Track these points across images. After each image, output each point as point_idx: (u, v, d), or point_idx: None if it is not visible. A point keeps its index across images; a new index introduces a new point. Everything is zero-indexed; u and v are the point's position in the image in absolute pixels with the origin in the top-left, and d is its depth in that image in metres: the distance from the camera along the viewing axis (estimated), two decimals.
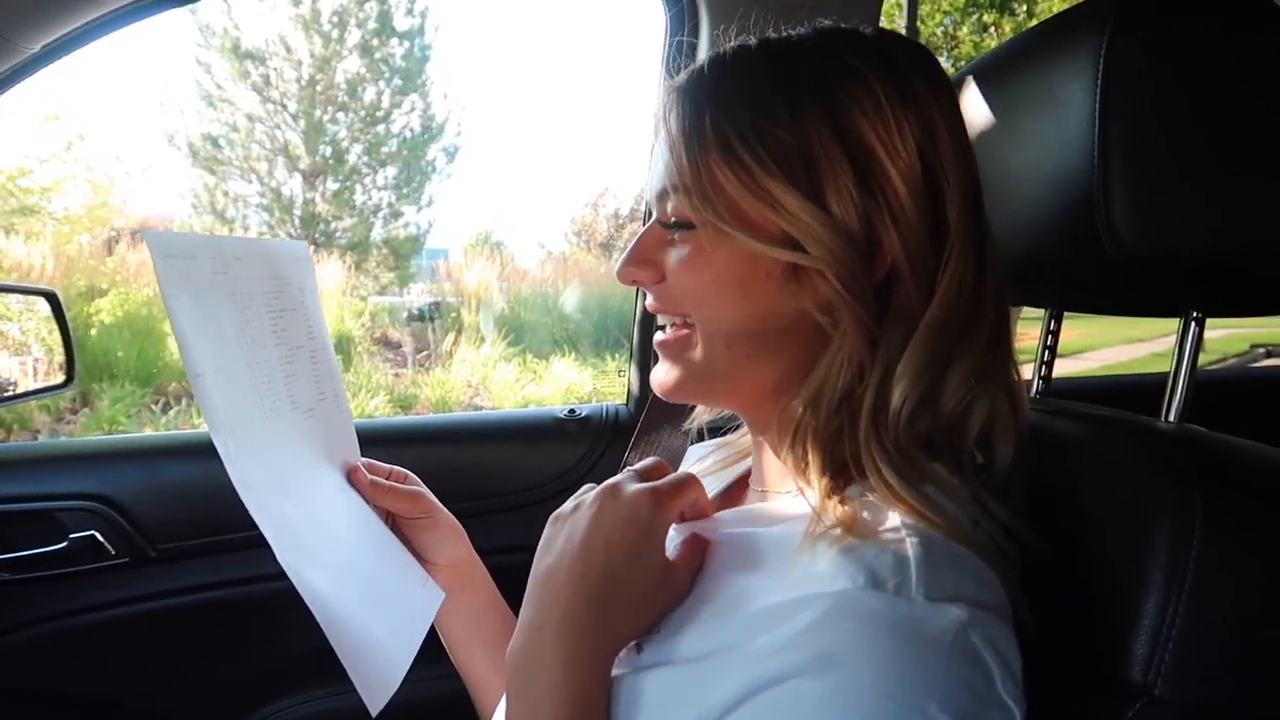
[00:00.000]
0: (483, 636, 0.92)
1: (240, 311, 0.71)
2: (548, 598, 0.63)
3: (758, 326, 0.64)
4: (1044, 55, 0.73)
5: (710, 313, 0.65)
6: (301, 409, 0.77)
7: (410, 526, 0.87)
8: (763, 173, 0.60)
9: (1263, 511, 0.57)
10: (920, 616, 0.50)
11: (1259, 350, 10.15)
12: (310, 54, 12.37)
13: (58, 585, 1.24)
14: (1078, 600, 0.61)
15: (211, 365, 0.66)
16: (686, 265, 0.65)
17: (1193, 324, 0.72)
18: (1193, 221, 0.64)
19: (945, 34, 10.56)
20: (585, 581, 0.61)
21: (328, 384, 0.82)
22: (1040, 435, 0.71)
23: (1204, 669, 0.54)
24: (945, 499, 0.57)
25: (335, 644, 0.69)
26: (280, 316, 0.76)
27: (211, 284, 0.69)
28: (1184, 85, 0.63)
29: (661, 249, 0.68)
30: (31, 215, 9.23)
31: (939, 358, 0.60)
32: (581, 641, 0.60)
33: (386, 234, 13.24)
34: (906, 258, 0.60)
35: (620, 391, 1.56)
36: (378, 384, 7.07)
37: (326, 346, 0.83)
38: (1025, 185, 0.72)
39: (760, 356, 0.65)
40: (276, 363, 0.74)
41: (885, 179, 0.60)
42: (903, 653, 0.49)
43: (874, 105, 0.60)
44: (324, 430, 0.80)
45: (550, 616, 0.61)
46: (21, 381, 1.59)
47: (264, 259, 0.77)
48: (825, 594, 0.52)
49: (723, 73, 0.64)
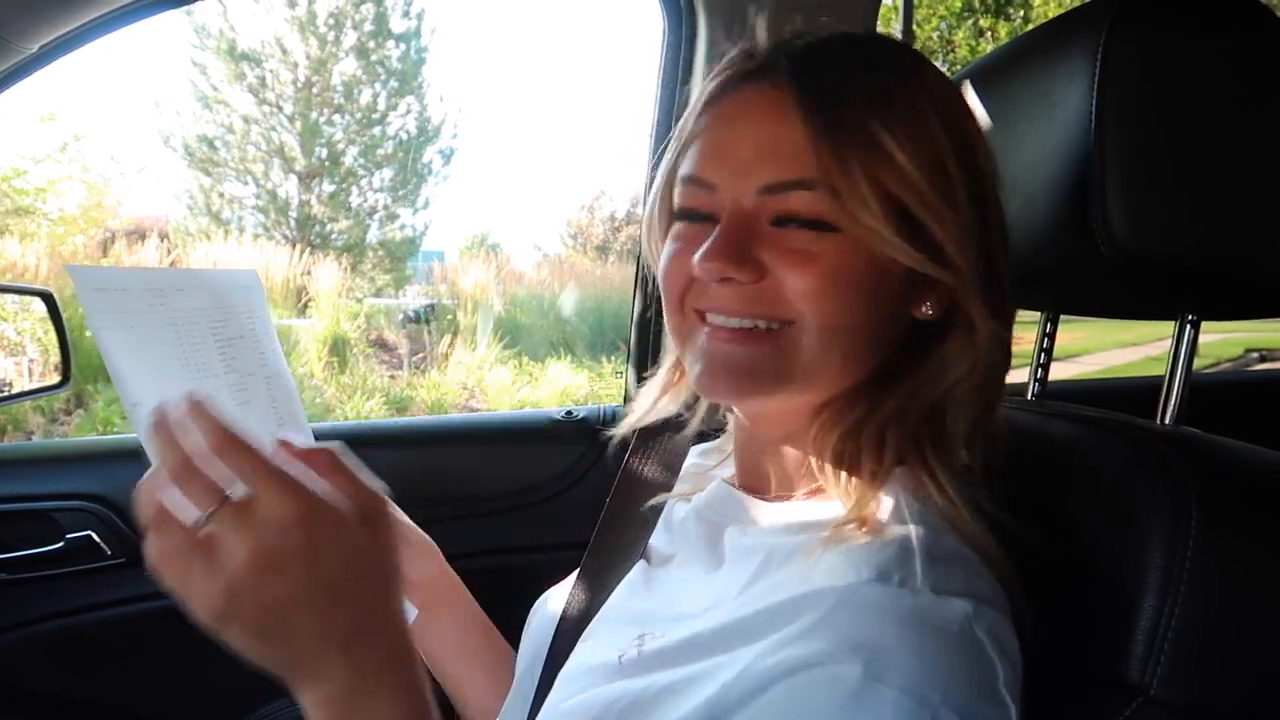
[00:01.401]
0: (465, 651, 0.91)
1: (182, 341, 0.70)
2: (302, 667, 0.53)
3: (864, 329, 0.63)
4: (1041, 58, 0.73)
5: (824, 316, 0.61)
6: (262, 435, 0.77)
7: None
8: (920, 178, 0.59)
9: (1258, 513, 0.57)
10: (925, 606, 0.51)
11: (1253, 355, 10.19)
12: (306, 56, 12.36)
13: (54, 585, 1.24)
14: (1074, 601, 0.62)
15: (150, 396, 0.63)
16: (806, 266, 0.60)
17: (1188, 327, 0.73)
18: (1188, 224, 0.64)
19: (941, 38, 10.58)
20: (314, 627, 0.52)
21: (285, 409, 0.81)
22: (1037, 437, 0.71)
23: (1199, 669, 0.54)
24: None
25: None
26: (229, 345, 0.75)
27: (147, 315, 0.68)
28: (1180, 89, 0.63)
29: (760, 244, 0.62)
30: (26, 216, 9.20)
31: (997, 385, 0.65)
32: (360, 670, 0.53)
33: (382, 236, 13.23)
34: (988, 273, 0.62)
35: (616, 395, 1.55)
36: (373, 386, 7.06)
37: (281, 372, 0.81)
38: (1022, 188, 0.73)
39: (855, 356, 0.64)
40: (227, 391, 0.73)
41: (989, 192, 0.62)
42: (908, 642, 0.49)
43: (975, 123, 0.64)
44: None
45: (329, 679, 0.53)
46: (17, 382, 1.59)
47: (207, 289, 0.76)
48: (835, 588, 0.53)
49: (862, 68, 0.62)
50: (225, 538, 0.50)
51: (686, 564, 0.72)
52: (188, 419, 0.55)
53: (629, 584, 0.77)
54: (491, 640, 0.93)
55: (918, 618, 0.50)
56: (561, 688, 0.67)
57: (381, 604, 0.55)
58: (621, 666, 0.62)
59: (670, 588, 0.72)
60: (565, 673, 0.69)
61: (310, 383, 7.14)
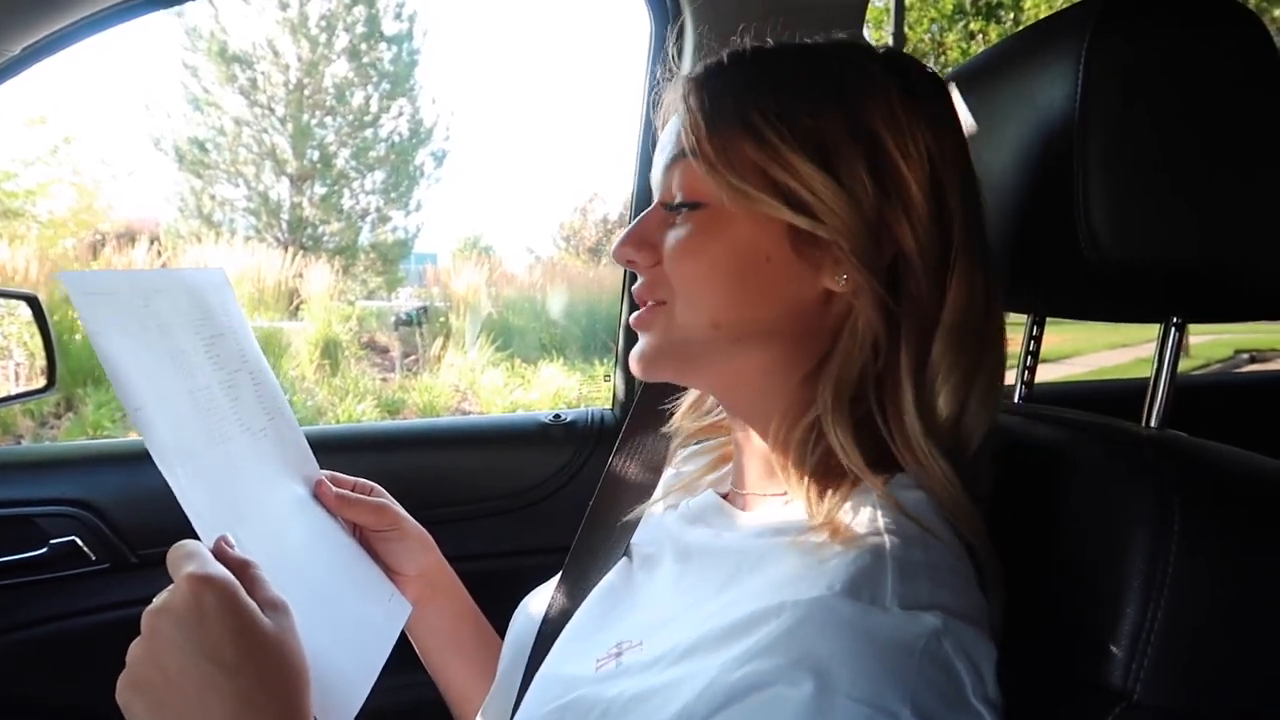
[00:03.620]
0: (458, 645, 0.91)
1: (169, 341, 0.70)
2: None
3: (749, 313, 0.64)
4: (1025, 61, 0.73)
5: (699, 292, 0.65)
6: (252, 430, 0.76)
7: (377, 539, 0.86)
8: (783, 145, 0.61)
9: (1242, 516, 0.57)
10: (893, 624, 0.50)
11: (1243, 356, 10.25)
12: (298, 58, 12.35)
13: (37, 591, 1.23)
14: (1057, 605, 0.62)
15: (150, 398, 0.65)
16: (685, 247, 0.65)
17: (1173, 329, 0.73)
18: (1173, 227, 0.64)
19: (933, 40, 10.62)
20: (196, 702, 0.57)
21: (271, 403, 0.81)
22: (1021, 440, 0.71)
23: (1183, 673, 0.54)
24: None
25: None
26: (212, 343, 0.75)
27: (135, 317, 0.68)
28: (1164, 91, 0.63)
29: (661, 231, 0.68)
30: (16, 219, 9.17)
31: (970, 372, 0.62)
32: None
33: (374, 238, 13.23)
34: (918, 248, 0.62)
35: (607, 397, 1.55)
36: (365, 389, 7.04)
37: (263, 367, 0.82)
38: (1007, 191, 0.73)
39: (748, 341, 0.65)
40: (217, 388, 0.73)
41: (898, 175, 0.61)
42: (875, 659, 0.49)
43: (889, 111, 0.62)
44: (278, 449, 0.80)
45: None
46: (3, 386, 1.57)
47: (183, 289, 0.76)
48: (802, 600, 0.52)
49: (743, 64, 0.66)
50: (145, 620, 0.60)
51: (666, 566, 0.72)
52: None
53: (608, 587, 0.76)
54: (482, 635, 0.93)
55: (885, 635, 0.50)
56: (537, 692, 0.67)
57: (270, 684, 0.59)
58: (597, 674, 0.62)
59: (649, 591, 0.72)
60: (542, 676, 0.69)
61: (302, 385, 7.12)
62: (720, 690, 0.51)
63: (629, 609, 0.72)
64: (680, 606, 0.63)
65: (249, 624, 0.59)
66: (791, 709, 0.48)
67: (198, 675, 0.57)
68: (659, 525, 0.78)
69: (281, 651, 0.60)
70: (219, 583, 0.59)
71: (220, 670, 0.57)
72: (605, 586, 0.77)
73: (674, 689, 0.54)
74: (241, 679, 0.57)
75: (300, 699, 0.60)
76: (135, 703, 0.58)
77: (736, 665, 0.51)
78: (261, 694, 0.58)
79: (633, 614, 0.70)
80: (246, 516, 0.70)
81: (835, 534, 0.56)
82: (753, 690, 0.50)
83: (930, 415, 0.61)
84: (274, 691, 0.59)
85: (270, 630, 0.60)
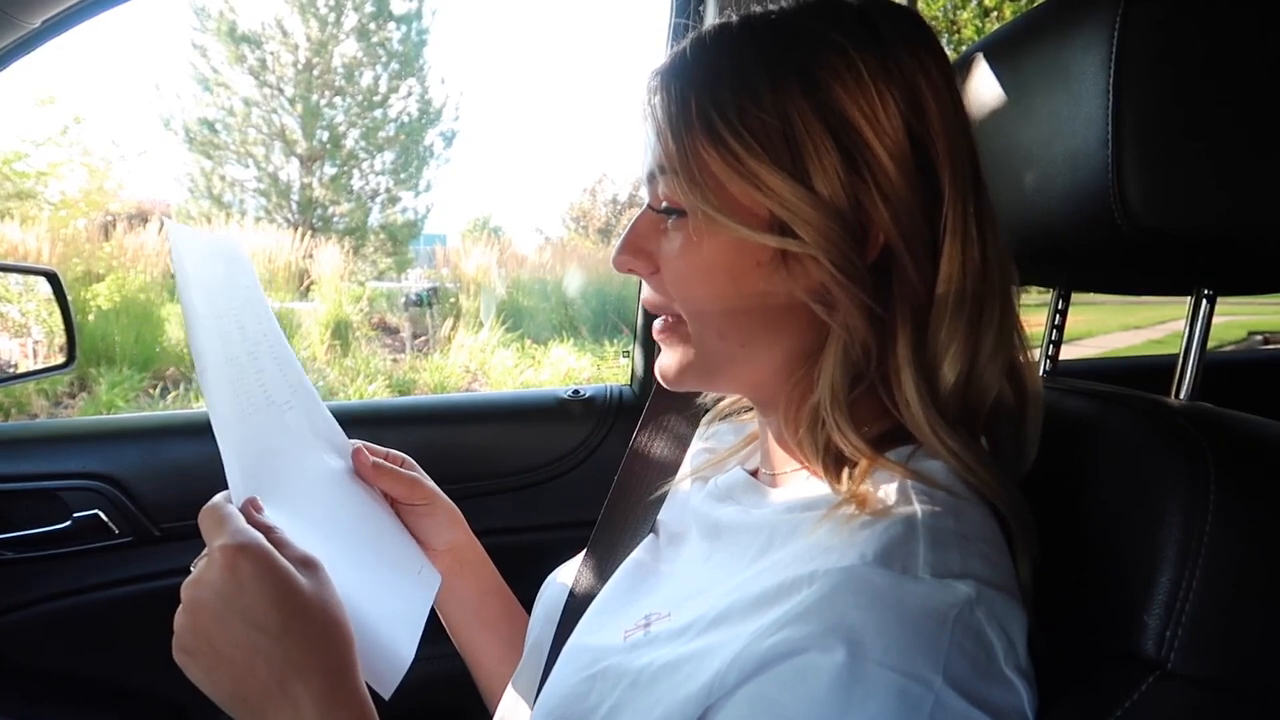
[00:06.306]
0: (483, 619, 0.92)
1: (212, 306, 0.70)
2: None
3: (749, 317, 0.63)
4: (1056, 30, 0.72)
5: (699, 304, 0.64)
6: (279, 404, 0.76)
7: (408, 512, 0.87)
8: (748, 155, 0.58)
9: (1276, 485, 0.57)
10: (925, 593, 0.50)
11: (1256, 337, 10.16)
12: (307, 38, 12.31)
13: (62, 564, 1.25)
14: (1091, 576, 0.61)
15: (206, 359, 0.65)
16: (676, 263, 0.64)
17: (1204, 301, 0.72)
18: (1206, 197, 0.63)
19: (946, 17, 10.50)
20: (244, 666, 0.59)
21: (293, 376, 0.81)
22: (1051, 413, 0.71)
23: (1217, 642, 0.54)
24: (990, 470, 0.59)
25: None
26: (239, 312, 0.75)
27: (215, 278, 0.69)
28: (1199, 59, 0.62)
29: (655, 237, 0.67)
30: (27, 199, 9.19)
31: (970, 332, 0.60)
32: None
33: (384, 219, 13.23)
34: (901, 235, 0.59)
35: (620, 377, 1.55)
36: (376, 369, 7.06)
37: (283, 340, 0.82)
38: (1037, 163, 0.72)
39: (756, 345, 0.64)
40: (247, 360, 0.73)
41: (871, 156, 0.58)
42: (907, 628, 0.49)
43: (855, 79, 0.59)
44: (306, 421, 0.80)
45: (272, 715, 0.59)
46: (22, 363, 1.58)
47: (220, 257, 0.75)
48: (834, 569, 0.52)
49: (704, 54, 0.63)
50: (184, 591, 0.61)
51: (694, 542, 0.72)
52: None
53: (636, 561, 0.77)
54: (509, 609, 0.94)
55: (917, 604, 0.50)
56: (566, 664, 0.67)
57: (316, 644, 0.60)
58: (626, 644, 0.62)
59: (677, 566, 0.73)
60: (570, 648, 0.69)
61: (313, 366, 7.15)
62: (752, 657, 0.51)
63: (656, 583, 0.72)
64: (710, 580, 0.63)
65: (287, 587, 0.59)
66: (824, 676, 0.48)
67: (244, 643, 0.58)
68: (685, 503, 0.78)
69: (324, 610, 0.61)
70: (253, 549, 0.60)
71: (265, 636, 0.58)
72: (633, 562, 0.77)
73: (704, 657, 0.54)
74: (287, 640, 0.58)
75: (346, 656, 0.61)
76: (191, 665, 0.61)
77: (768, 633, 0.51)
78: (310, 656, 0.59)
79: (660, 588, 0.70)
80: (284, 483, 0.71)
81: (865, 505, 0.56)
82: (785, 657, 0.50)
83: (934, 388, 0.60)
84: (321, 651, 0.60)
85: (309, 590, 0.61)
